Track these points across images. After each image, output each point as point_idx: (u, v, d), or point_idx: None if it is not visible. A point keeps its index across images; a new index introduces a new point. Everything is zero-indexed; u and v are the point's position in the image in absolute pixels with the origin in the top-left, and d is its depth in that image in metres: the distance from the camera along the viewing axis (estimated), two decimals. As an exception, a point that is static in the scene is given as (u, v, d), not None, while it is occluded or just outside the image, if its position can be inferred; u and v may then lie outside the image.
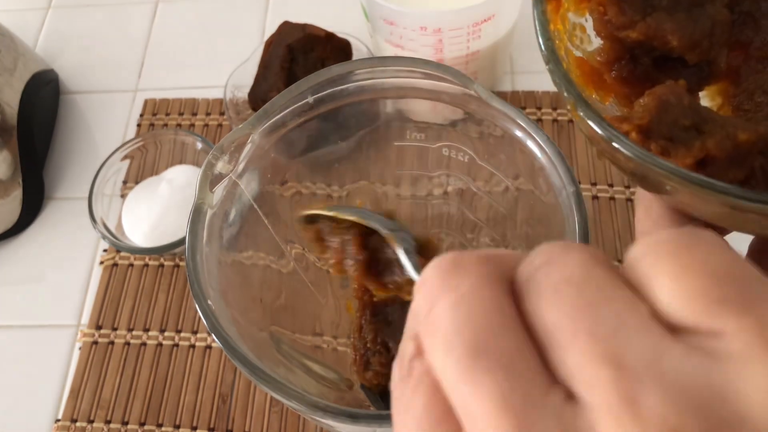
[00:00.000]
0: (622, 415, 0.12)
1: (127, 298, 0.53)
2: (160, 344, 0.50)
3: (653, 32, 0.22)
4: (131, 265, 0.54)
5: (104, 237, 0.51)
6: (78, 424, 0.48)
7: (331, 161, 0.41)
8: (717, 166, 0.20)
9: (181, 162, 0.57)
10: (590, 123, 0.20)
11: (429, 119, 0.37)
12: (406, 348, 0.16)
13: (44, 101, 0.62)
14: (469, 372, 0.13)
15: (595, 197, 0.53)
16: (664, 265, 0.13)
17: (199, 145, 0.55)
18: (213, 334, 0.28)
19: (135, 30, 0.69)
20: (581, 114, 0.21)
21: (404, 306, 0.42)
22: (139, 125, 0.62)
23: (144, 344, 0.51)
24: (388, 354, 0.39)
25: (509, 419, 0.12)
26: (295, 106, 0.34)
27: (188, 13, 0.69)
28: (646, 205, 0.22)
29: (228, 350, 0.28)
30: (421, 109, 0.36)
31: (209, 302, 0.29)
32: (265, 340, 0.36)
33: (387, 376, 0.38)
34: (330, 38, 0.55)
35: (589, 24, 0.24)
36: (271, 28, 0.59)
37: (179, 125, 0.61)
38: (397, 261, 0.30)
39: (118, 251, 0.55)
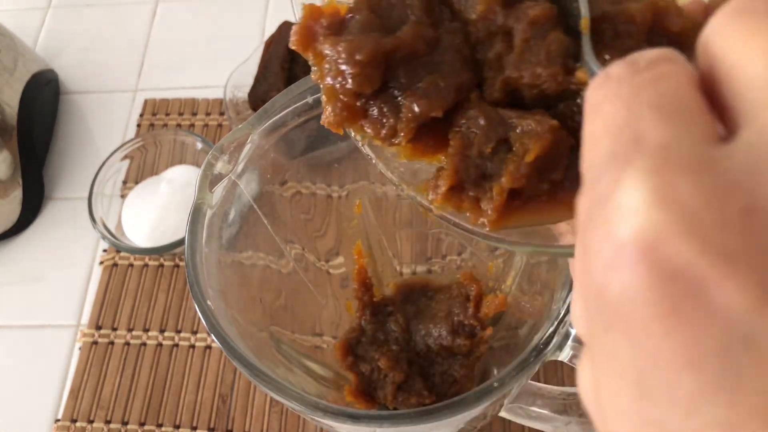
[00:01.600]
0: None
1: (127, 299, 0.53)
2: (160, 344, 0.50)
3: (416, 125, 0.20)
4: (131, 265, 0.54)
5: (104, 237, 0.51)
6: (78, 424, 0.48)
7: (331, 161, 0.41)
8: (531, 184, 0.20)
9: (180, 162, 0.56)
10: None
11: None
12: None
13: (44, 101, 0.62)
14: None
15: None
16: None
17: (199, 145, 0.55)
18: (212, 335, 0.28)
19: (135, 30, 0.69)
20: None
21: (405, 306, 0.42)
22: (138, 125, 0.62)
23: (144, 344, 0.51)
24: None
25: None
26: (295, 106, 0.34)
27: (188, 13, 0.69)
28: None
29: (227, 350, 0.28)
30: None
31: (209, 302, 0.29)
32: (264, 340, 0.36)
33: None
34: (330, 38, 0.55)
35: None
36: (271, 28, 0.59)
37: (179, 125, 0.61)
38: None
39: (117, 251, 0.55)
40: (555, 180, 0.20)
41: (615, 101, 0.14)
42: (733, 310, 0.11)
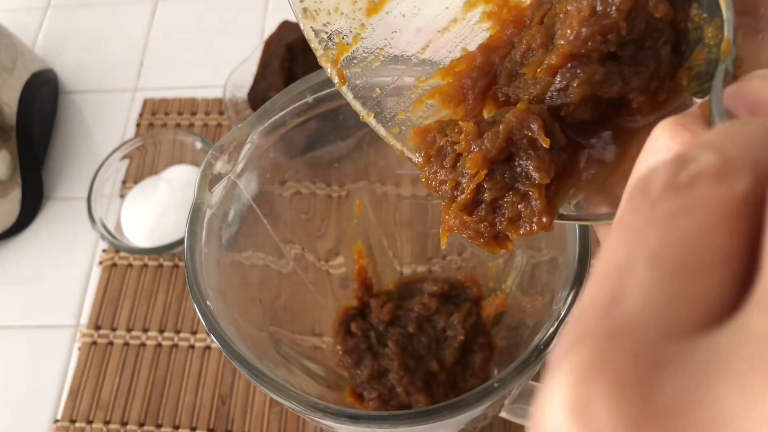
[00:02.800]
0: None
1: (126, 299, 0.52)
2: (159, 345, 0.50)
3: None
4: (130, 265, 0.54)
5: (103, 237, 0.51)
6: (77, 424, 0.48)
7: (330, 161, 0.41)
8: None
9: (180, 162, 0.56)
10: None
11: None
12: (695, 156, 0.12)
13: (43, 101, 0.62)
14: None
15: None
16: None
17: (199, 145, 0.55)
18: (212, 335, 0.28)
19: (134, 29, 0.68)
20: None
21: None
22: (138, 125, 0.62)
23: (143, 345, 0.50)
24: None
25: None
26: (295, 105, 0.34)
27: (187, 12, 0.69)
28: None
29: (227, 351, 0.28)
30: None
31: (208, 303, 0.29)
32: (264, 340, 0.36)
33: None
34: (330, 38, 0.55)
35: None
36: (270, 28, 0.59)
37: (178, 125, 0.61)
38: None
39: (117, 251, 0.54)
40: (564, 146, 0.21)
41: (621, 238, 0.12)
42: None
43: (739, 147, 0.12)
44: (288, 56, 0.54)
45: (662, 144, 0.15)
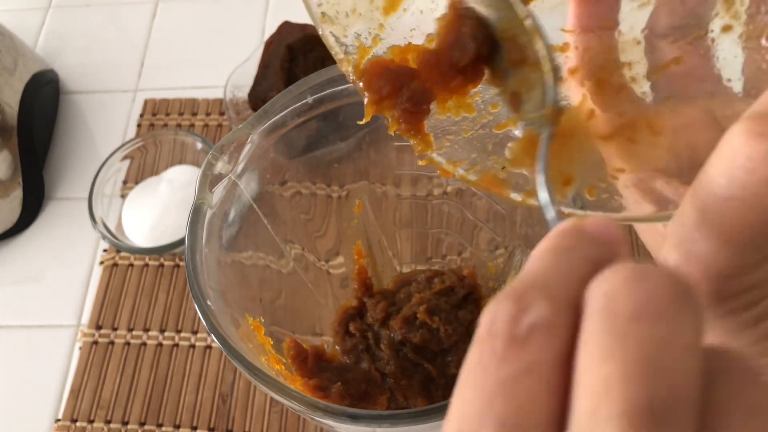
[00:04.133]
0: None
1: (127, 298, 0.53)
2: (160, 344, 0.50)
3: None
4: (131, 265, 0.54)
5: (104, 237, 0.51)
6: (78, 424, 0.48)
7: (330, 161, 0.41)
8: None
9: (181, 162, 0.57)
10: None
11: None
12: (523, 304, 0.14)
13: (44, 101, 0.62)
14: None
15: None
16: None
17: (199, 145, 0.55)
18: (212, 335, 0.28)
19: (135, 30, 0.69)
20: None
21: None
22: (139, 125, 0.62)
23: (144, 344, 0.51)
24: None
25: None
26: (295, 106, 0.34)
27: (188, 13, 0.69)
28: None
29: (227, 350, 0.28)
30: (420, 109, 0.36)
31: (209, 302, 0.29)
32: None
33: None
34: (330, 38, 0.55)
35: None
36: (271, 28, 0.59)
37: (179, 125, 0.61)
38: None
39: (118, 251, 0.55)
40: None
41: (475, 398, 0.13)
42: None
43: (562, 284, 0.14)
44: (288, 57, 0.54)
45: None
